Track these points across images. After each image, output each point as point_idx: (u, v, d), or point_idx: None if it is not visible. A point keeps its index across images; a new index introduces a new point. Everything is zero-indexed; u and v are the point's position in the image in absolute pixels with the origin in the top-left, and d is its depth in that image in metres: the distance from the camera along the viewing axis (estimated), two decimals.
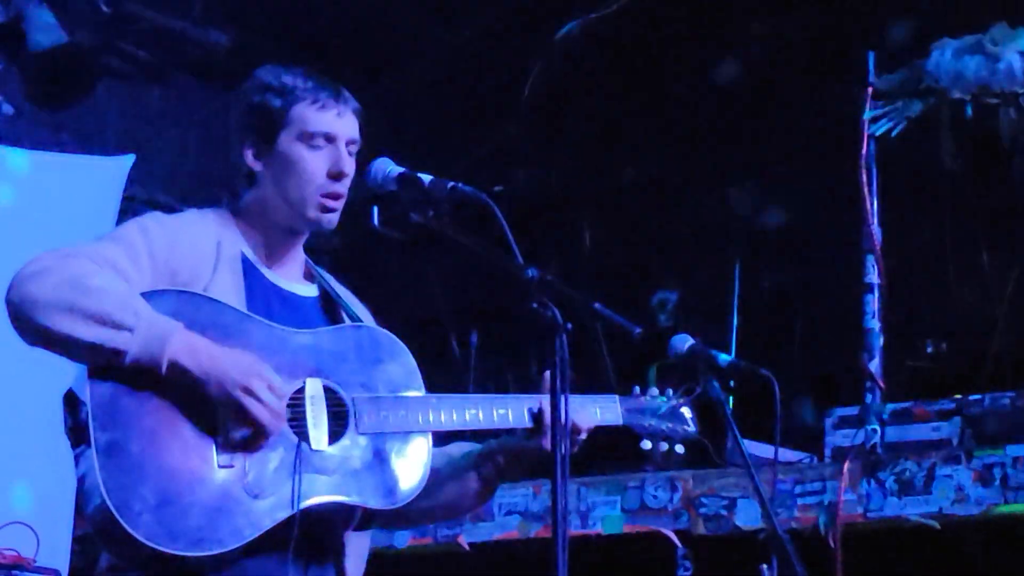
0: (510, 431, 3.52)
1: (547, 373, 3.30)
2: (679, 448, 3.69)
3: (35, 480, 5.88)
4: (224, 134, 3.51)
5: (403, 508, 3.36)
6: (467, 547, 5.82)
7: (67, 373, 3.22)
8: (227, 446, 3.17)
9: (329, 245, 3.66)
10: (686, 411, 3.72)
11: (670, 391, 3.72)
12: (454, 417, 3.43)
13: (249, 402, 3.15)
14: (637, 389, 3.71)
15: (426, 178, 3.40)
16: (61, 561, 5.68)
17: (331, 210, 3.43)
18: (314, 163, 3.42)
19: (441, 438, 3.51)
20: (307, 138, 3.42)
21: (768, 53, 7.21)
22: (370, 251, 7.16)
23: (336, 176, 3.42)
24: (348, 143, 3.45)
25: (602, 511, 5.59)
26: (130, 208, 6.10)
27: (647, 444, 3.66)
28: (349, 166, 3.44)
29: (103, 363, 3.12)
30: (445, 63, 7.67)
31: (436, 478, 3.47)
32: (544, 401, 3.37)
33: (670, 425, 3.69)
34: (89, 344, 3.10)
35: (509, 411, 3.47)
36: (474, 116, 7.67)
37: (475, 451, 3.59)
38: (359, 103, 3.51)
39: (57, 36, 6.52)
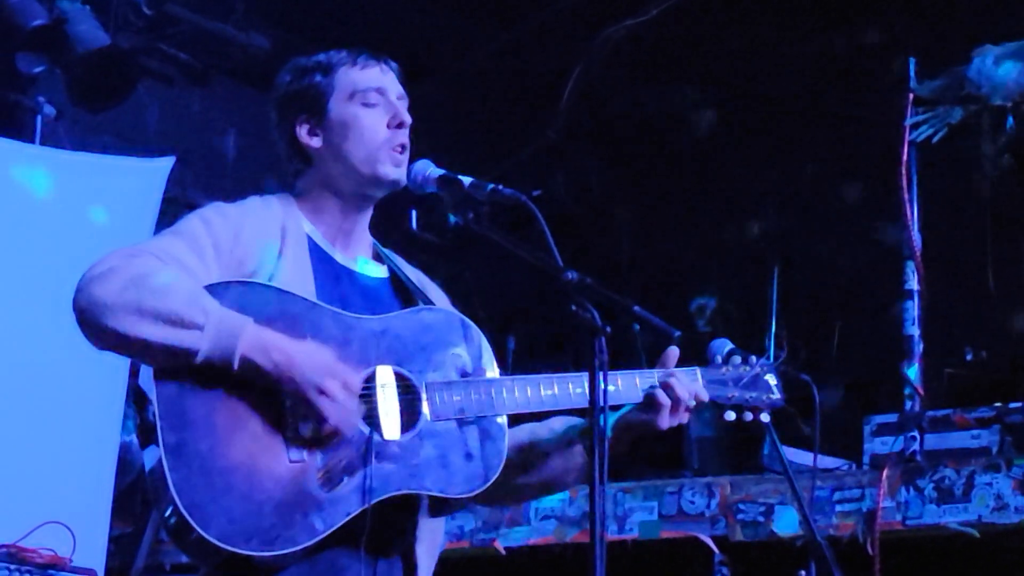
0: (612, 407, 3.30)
1: (671, 349, 3.24)
2: (764, 417, 3.52)
3: (71, 479, 5.89)
4: (265, 136, 3.49)
5: (491, 489, 3.24)
6: (503, 551, 5.81)
7: (114, 367, 3.19)
8: (297, 442, 3.10)
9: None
10: (771, 378, 3.55)
11: (753, 358, 3.56)
12: (530, 398, 3.32)
13: (323, 402, 3.08)
14: (719, 358, 3.55)
15: (466, 180, 3.38)
16: (97, 561, 5.69)
17: (400, 163, 3.37)
18: (373, 118, 3.37)
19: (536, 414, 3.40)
20: (359, 96, 3.37)
21: (811, 59, 7.20)
22: (407, 255, 7.17)
23: (399, 125, 3.38)
24: (398, 97, 3.42)
25: (639, 516, 5.57)
26: (170, 210, 6.12)
27: (731, 415, 3.50)
28: (407, 116, 3.40)
29: (174, 364, 3.06)
30: (485, 67, 7.68)
31: (538, 451, 3.41)
32: (667, 376, 3.32)
33: (754, 394, 3.52)
34: (160, 346, 3.03)
35: (586, 389, 3.24)
36: (514, 119, 7.67)
37: (579, 424, 3.44)
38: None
39: (99, 38, 6.55)
